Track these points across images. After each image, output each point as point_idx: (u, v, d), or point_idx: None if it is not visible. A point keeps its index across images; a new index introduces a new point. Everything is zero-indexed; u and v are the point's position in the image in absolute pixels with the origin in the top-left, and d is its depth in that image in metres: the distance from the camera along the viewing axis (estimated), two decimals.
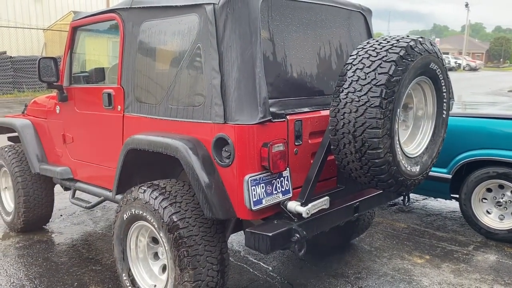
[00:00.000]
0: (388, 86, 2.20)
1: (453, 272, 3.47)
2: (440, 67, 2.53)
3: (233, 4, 2.38)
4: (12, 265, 3.65)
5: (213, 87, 2.43)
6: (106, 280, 3.37)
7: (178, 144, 2.50)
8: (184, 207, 2.53)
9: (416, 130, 2.69)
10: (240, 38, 2.37)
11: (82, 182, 3.71)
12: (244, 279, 3.37)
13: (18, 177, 4.15)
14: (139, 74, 2.93)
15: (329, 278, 3.38)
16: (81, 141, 3.59)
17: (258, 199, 2.33)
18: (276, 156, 2.34)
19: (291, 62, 2.64)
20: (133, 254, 2.86)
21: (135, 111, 2.98)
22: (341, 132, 2.33)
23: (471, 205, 4.13)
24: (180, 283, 2.48)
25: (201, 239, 2.49)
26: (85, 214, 4.88)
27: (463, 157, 4.11)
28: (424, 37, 2.44)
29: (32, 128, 4.13)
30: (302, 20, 2.73)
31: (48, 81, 3.56)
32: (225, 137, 2.37)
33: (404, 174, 2.43)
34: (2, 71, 16.91)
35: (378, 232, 4.30)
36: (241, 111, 2.34)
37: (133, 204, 2.69)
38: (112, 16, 3.11)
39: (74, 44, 3.62)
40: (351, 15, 3.11)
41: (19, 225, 4.26)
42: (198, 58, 2.53)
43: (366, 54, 2.32)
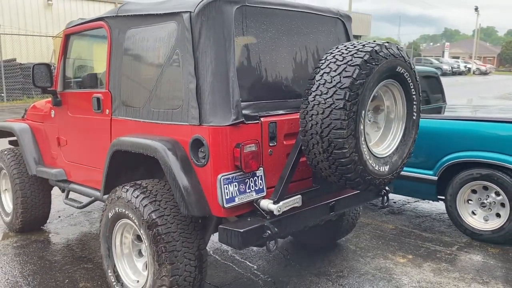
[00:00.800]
0: (352, 88, 2.31)
1: (434, 271, 3.54)
2: (408, 70, 2.63)
3: (207, 12, 2.51)
4: (8, 263, 3.80)
5: (189, 91, 2.56)
6: (96, 277, 3.50)
7: (157, 145, 2.62)
8: (164, 205, 2.66)
9: (387, 131, 2.78)
10: (214, 44, 2.49)
11: (75, 183, 3.86)
12: (228, 276, 3.48)
13: (16, 179, 4.31)
14: (125, 79, 3.08)
15: (311, 277, 3.47)
16: (74, 144, 3.74)
17: (231, 197, 2.45)
18: (248, 156, 2.46)
19: (266, 67, 2.76)
20: (118, 251, 2.99)
21: (121, 115, 3.12)
22: (310, 133, 2.44)
23: (456, 206, 4.20)
24: (158, 277, 2.60)
25: (179, 235, 2.61)
26: (82, 215, 5.03)
27: (448, 159, 4.19)
28: (390, 42, 2.55)
29: (30, 132, 4.29)
30: (278, 27, 2.85)
31: (42, 86, 3.73)
32: (201, 138, 2.50)
33: (371, 173, 2.53)
34: (12, 77, 17.26)
35: (366, 233, 4.38)
36: (215, 114, 2.47)
37: (117, 203, 2.82)
38: (100, 24, 3.26)
39: (67, 51, 3.78)
40: (329, 21, 3.22)
41: (17, 225, 4.42)
42: (176, 63, 2.66)
43: (333, 59, 2.43)
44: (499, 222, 4.02)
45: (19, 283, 3.42)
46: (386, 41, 2.54)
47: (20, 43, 20.18)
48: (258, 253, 3.91)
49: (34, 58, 20.22)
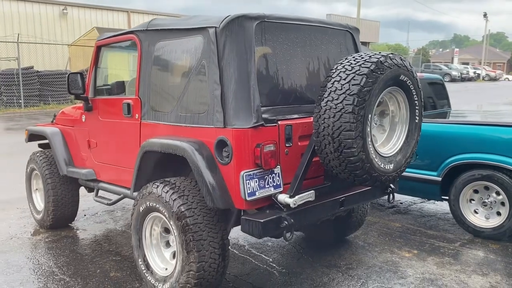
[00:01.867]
0: (359, 95, 2.61)
1: (437, 264, 3.81)
2: (411, 78, 2.93)
3: (231, 27, 2.84)
4: (42, 255, 4.13)
5: (214, 97, 2.88)
6: (124, 268, 3.82)
7: (186, 146, 2.94)
8: (191, 199, 2.97)
9: (392, 133, 3.08)
10: (237, 55, 2.81)
11: (104, 182, 4.19)
12: (246, 268, 3.78)
13: (48, 179, 4.66)
14: (154, 87, 3.40)
15: (323, 268, 3.76)
16: (104, 146, 4.07)
17: (252, 191, 2.75)
18: (267, 155, 2.77)
19: (283, 76, 3.08)
20: (148, 242, 3.30)
21: (150, 119, 3.44)
22: (322, 134, 2.74)
23: (459, 206, 4.46)
24: (187, 263, 2.90)
25: (205, 226, 2.92)
26: (106, 214, 5.37)
27: (451, 161, 4.46)
28: (394, 53, 2.85)
29: (61, 135, 4.64)
30: (293, 39, 3.16)
31: (75, 93, 4.07)
32: (225, 139, 2.81)
33: (377, 170, 2.82)
34: (29, 84, 17.78)
35: (373, 230, 4.66)
36: (238, 117, 2.78)
37: (148, 198, 3.14)
38: (131, 37, 3.61)
39: (98, 61, 4.13)
40: (339, 34, 3.53)
41: (48, 222, 4.76)
42: (202, 73, 2.98)
43: (343, 68, 2.73)
44: (499, 220, 4.27)
45: (55, 273, 3.75)
46: (391, 52, 2.85)
47: (37, 51, 20.77)
48: (272, 247, 4.20)
49: (50, 66, 20.80)
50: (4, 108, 17.34)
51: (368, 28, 40.55)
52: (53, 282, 3.57)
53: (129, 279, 3.60)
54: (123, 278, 3.62)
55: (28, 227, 4.93)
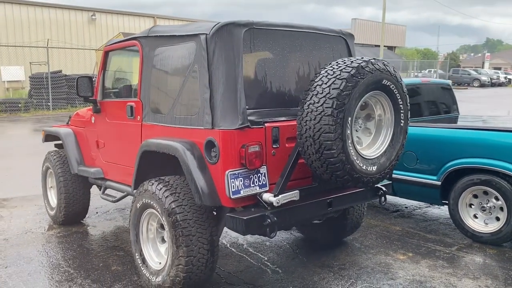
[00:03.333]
0: (338, 98, 2.71)
1: (429, 267, 3.85)
2: (394, 83, 3.01)
3: (220, 34, 2.99)
4: (52, 249, 4.38)
5: (204, 100, 3.03)
6: (126, 262, 4.01)
7: (178, 146, 3.11)
8: (182, 196, 3.13)
9: (377, 136, 3.16)
10: (225, 61, 2.96)
11: (111, 180, 4.40)
12: (241, 265, 3.91)
13: (60, 177, 4.92)
14: (153, 90, 3.59)
15: (315, 268, 3.85)
16: (110, 146, 4.29)
17: (237, 189, 2.89)
18: (252, 155, 2.90)
19: (271, 80, 3.20)
20: (145, 237, 3.47)
21: (150, 120, 3.63)
22: (305, 136, 2.85)
23: (459, 210, 4.47)
24: (176, 257, 3.06)
25: (194, 222, 3.07)
26: (117, 212, 5.60)
27: (450, 165, 4.48)
28: (376, 58, 2.94)
29: (73, 136, 4.90)
30: (283, 45, 3.29)
31: (84, 95, 4.31)
32: (213, 140, 2.96)
33: (359, 172, 2.91)
34: (57, 88, 18.48)
35: (372, 233, 4.71)
36: (225, 119, 2.93)
37: (144, 195, 3.32)
38: (134, 43, 3.81)
39: (106, 65, 4.36)
40: (332, 39, 3.63)
41: (61, 218, 5.01)
42: (194, 77, 3.15)
43: (326, 73, 2.85)
44: (498, 225, 4.26)
45: (61, 265, 3.97)
46: (373, 57, 2.94)
47: (66, 56, 21.53)
48: (270, 247, 4.32)
49: (78, 70, 21.51)
50: (33, 110, 18.05)
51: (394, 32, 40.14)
52: (58, 274, 3.79)
53: (129, 273, 3.79)
54: (123, 271, 3.81)
55: (43, 222, 5.20)
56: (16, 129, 13.99)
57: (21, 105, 17.63)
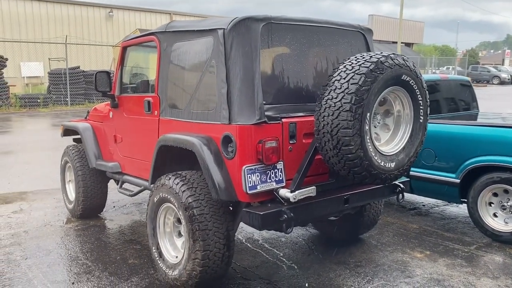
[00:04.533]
0: (357, 94, 2.69)
1: (447, 265, 3.80)
2: (414, 78, 2.97)
3: (238, 29, 2.99)
4: (71, 242, 4.44)
5: (221, 95, 3.03)
6: (143, 256, 4.05)
7: (194, 141, 3.12)
8: (199, 191, 3.14)
9: (396, 132, 3.12)
10: (243, 56, 2.96)
11: (128, 175, 4.44)
12: (257, 260, 3.91)
13: (79, 171, 4.98)
14: (171, 85, 3.60)
15: (331, 264, 3.83)
16: (128, 140, 4.33)
17: (253, 185, 2.89)
18: (269, 150, 2.89)
19: (289, 75, 3.19)
20: (161, 231, 3.50)
21: (167, 115, 3.64)
22: (322, 132, 2.83)
23: (478, 208, 4.40)
24: (193, 251, 3.08)
25: (211, 217, 3.08)
26: (134, 206, 5.65)
27: (470, 163, 4.41)
28: (396, 53, 2.90)
29: (91, 130, 4.95)
30: (301, 40, 3.27)
31: (102, 90, 4.35)
32: (230, 135, 2.96)
33: (377, 168, 2.88)
34: (75, 83, 18.72)
35: (389, 230, 4.67)
36: (242, 114, 2.92)
37: (161, 189, 3.34)
38: (152, 38, 3.83)
39: (124, 60, 4.39)
40: (350, 34, 3.60)
41: (79, 211, 5.08)
42: (212, 72, 3.15)
43: (344, 68, 2.82)
44: None
45: (79, 258, 4.03)
46: (392, 52, 2.90)
47: (84, 52, 21.79)
48: (285, 242, 4.31)
49: (96, 66, 21.77)
50: (52, 106, 18.33)
51: (412, 29, 39.63)
52: (76, 266, 3.84)
53: (145, 266, 3.82)
54: (140, 265, 3.85)
55: (61, 216, 5.28)
56: (35, 124, 14.23)
57: (40, 101, 17.92)
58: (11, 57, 18.68)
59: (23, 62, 21.50)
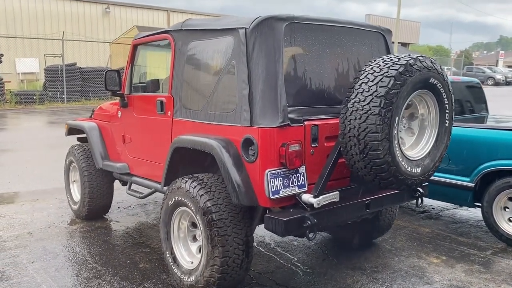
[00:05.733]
0: (386, 97, 2.60)
1: (465, 271, 3.73)
2: (441, 81, 2.89)
3: (260, 28, 2.89)
4: (77, 244, 4.33)
5: (242, 96, 2.94)
6: (153, 260, 3.94)
7: (213, 143, 3.02)
8: (217, 195, 3.04)
9: (421, 136, 3.05)
10: (265, 56, 2.86)
11: (137, 176, 4.33)
12: (271, 266, 3.83)
13: (84, 171, 4.86)
14: (186, 85, 3.50)
15: (347, 270, 3.75)
16: (138, 141, 4.22)
17: (276, 189, 2.80)
18: (292, 154, 2.80)
19: (311, 76, 3.10)
20: (176, 235, 3.40)
21: (182, 116, 3.54)
22: (348, 136, 2.75)
23: (492, 213, 4.34)
24: (211, 257, 2.98)
25: (230, 222, 2.98)
26: (139, 207, 5.54)
27: (485, 167, 4.35)
28: (424, 55, 2.82)
29: (98, 130, 4.83)
30: (323, 40, 3.18)
31: (112, 89, 4.23)
32: (251, 137, 2.87)
33: (404, 173, 2.80)
34: (72, 80, 18.49)
35: (402, 234, 4.60)
36: (264, 117, 2.83)
37: (176, 192, 3.23)
38: (166, 37, 3.72)
39: (134, 59, 4.27)
40: (370, 35, 3.51)
41: (84, 213, 4.96)
42: (232, 72, 3.05)
43: (371, 70, 2.73)
44: None
45: (88, 261, 3.92)
46: (421, 54, 2.82)
47: (80, 48, 21.57)
48: (298, 247, 4.23)
49: (92, 63, 21.55)
50: (48, 103, 18.09)
51: (408, 29, 39.70)
52: (86, 270, 3.73)
53: (157, 270, 3.72)
54: (151, 269, 3.75)
55: (65, 216, 5.15)
56: (32, 121, 14.03)
57: (36, 97, 17.68)
58: (6, 53, 18.43)
59: (18, 58, 21.22)
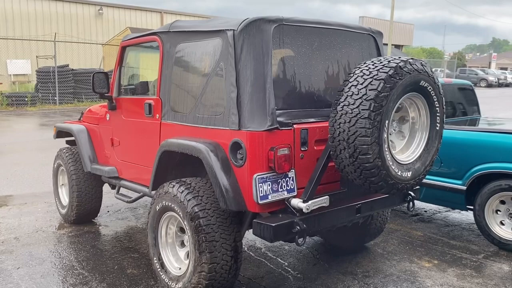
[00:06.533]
0: (376, 100, 2.56)
1: (457, 276, 3.70)
2: (432, 84, 2.85)
3: (249, 30, 2.84)
4: (65, 249, 4.25)
5: (231, 99, 2.88)
6: (141, 265, 3.87)
7: (201, 147, 2.96)
8: (205, 200, 2.99)
9: (411, 140, 3.00)
10: (254, 58, 2.81)
11: (125, 180, 4.26)
12: (261, 271, 3.77)
13: (73, 175, 4.78)
14: (174, 88, 3.44)
15: (338, 275, 3.70)
16: (126, 144, 4.15)
17: (265, 194, 2.74)
18: (281, 158, 2.75)
19: (300, 79, 3.05)
20: (163, 240, 3.33)
21: (170, 119, 3.48)
22: (338, 139, 2.70)
23: (485, 216, 4.31)
24: (199, 264, 2.92)
25: (218, 227, 2.92)
26: (129, 211, 5.46)
27: (477, 170, 4.32)
28: (415, 58, 2.78)
29: (86, 133, 4.76)
30: (312, 42, 3.14)
31: (100, 92, 4.16)
32: (239, 141, 2.81)
33: (394, 178, 2.76)
34: (64, 82, 18.35)
35: (394, 238, 4.56)
36: (253, 120, 2.78)
37: (164, 197, 3.17)
38: (154, 38, 3.66)
39: (123, 61, 4.21)
40: (361, 37, 3.48)
41: (72, 217, 4.88)
42: (220, 75, 3.00)
43: (361, 73, 2.69)
44: None
45: (75, 267, 3.84)
46: (411, 57, 2.78)
47: (72, 50, 21.42)
48: (289, 251, 4.17)
49: (85, 64, 21.40)
50: (40, 105, 17.95)
51: (401, 31, 39.84)
52: (72, 276, 3.66)
53: (145, 276, 3.65)
54: (139, 275, 3.68)
55: (53, 221, 5.07)
56: (23, 123, 13.89)
57: (28, 99, 17.53)
58: None
59: (10, 60, 21.04)
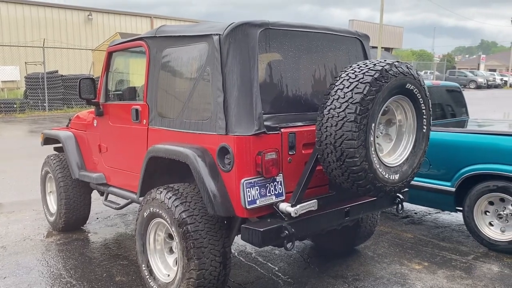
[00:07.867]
0: (362, 104, 2.56)
1: (447, 277, 3.70)
2: (418, 87, 2.86)
3: (234, 34, 2.83)
4: (52, 258, 4.19)
5: (217, 104, 2.87)
6: (130, 272, 3.83)
7: (188, 152, 2.94)
8: (193, 206, 2.96)
9: (398, 142, 3.01)
10: (240, 63, 2.80)
11: (114, 186, 4.22)
12: (251, 276, 3.75)
13: (61, 182, 4.73)
14: (161, 93, 3.42)
15: (329, 279, 3.69)
16: (114, 150, 4.11)
17: (252, 199, 2.73)
18: (269, 163, 2.74)
19: (287, 83, 3.05)
20: (152, 247, 3.30)
21: (157, 125, 3.46)
22: (325, 143, 2.70)
23: (474, 217, 4.33)
24: (187, 271, 2.89)
25: (206, 233, 2.90)
26: (118, 217, 5.41)
27: (465, 171, 4.34)
28: (400, 61, 2.79)
29: (74, 139, 4.71)
30: (299, 46, 3.13)
31: (87, 98, 4.13)
32: (227, 146, 2.80)
33: (381, 180, 2.76)
34: (53, 88, 18.20)
35: (384, 240, 4.56)
36: (240, 124, 2.76)
37: (151, 204, 3.15)
38: (140, 43, 3.64)
39: (109, 66, 4.18)
40: (347, 41, 3.48)
41: (61, 224, 4.82)
42: (206, 80, 2.98)
43: (347, 76, 2.69)
44: None
45: (63, 275, 3.79)
46: (396, 60, 2.79)
47: (62, 56, 21.27)
48: (280, 256, 4.16)
49: (74, 70, 21.26)
50: (29, 111, 17.78)
51: (391, 34, 40.13)
52: (60, 285, 3.61)
53: (134, 284, 3.61)
54: (128, 282, 3.64)
55: (41, 229, 5.01)
56: (12, 130, 13.75)
57: (17, 106, 17.35)
58: None
59: None
